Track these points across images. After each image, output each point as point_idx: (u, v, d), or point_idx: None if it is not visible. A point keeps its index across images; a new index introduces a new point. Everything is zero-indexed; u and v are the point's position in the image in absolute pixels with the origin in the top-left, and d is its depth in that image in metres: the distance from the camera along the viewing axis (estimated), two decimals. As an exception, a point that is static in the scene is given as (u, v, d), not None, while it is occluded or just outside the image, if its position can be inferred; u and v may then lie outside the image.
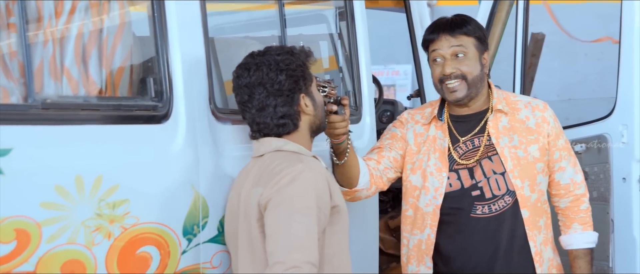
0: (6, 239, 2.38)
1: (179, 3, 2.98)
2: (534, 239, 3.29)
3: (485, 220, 3.27)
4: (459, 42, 3.26)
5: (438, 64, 3.29)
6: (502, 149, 3.28)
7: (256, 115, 2.85)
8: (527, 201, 3.28)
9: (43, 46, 2.73)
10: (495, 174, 3.28)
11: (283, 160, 2.79)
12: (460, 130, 3.36)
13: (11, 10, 2.63)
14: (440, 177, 3.31)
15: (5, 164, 2.39)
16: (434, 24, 3.37)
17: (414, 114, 3.48)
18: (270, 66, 2.83)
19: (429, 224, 3.32)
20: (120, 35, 2.92)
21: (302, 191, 2.69)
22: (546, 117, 3.34)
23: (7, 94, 2.62)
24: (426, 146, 3.37)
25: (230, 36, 4.59)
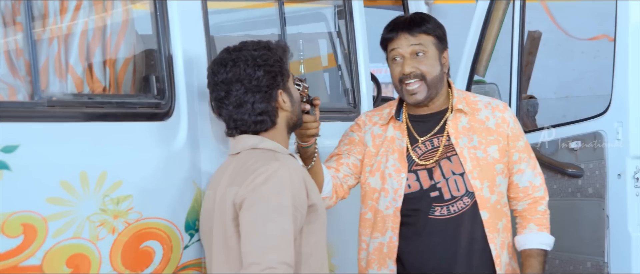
0: (13, 233, 2.41)
1: (181, 1, 3.01)
2: (494, 242, 3.18)
3: (444, 222, 3.17)
4: (419, 41, 3.16)
5: (397, 63, 3.18)
6: (462, 150, 3.18)
7: (233, 112, 2.78)
8: (487, 202, 3.18)
9: (48, 45, 2.77)
10: (455, 174, 3.18)
11: (258, 158, 2.73)
12: (419, 130, 3.25)
13: (17, 10, 2.67)
14: (399, 178, 3.20)
15: (12, 160, 2.42)
16: (393, 23, 3.25)
17: (371, 116, 3.37)
18: (248, 62, 2.76)
19: (390, 227, 3.21)
20: (123, 33, 2.96)
21: (278, 189, 2.63)
22: (506, 117, 3.25)
23: (13, 92, 2.66)
24: (384, 147, 3.26)
25: (231, 34, 4.62)
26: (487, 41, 4.89)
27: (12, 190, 2.41)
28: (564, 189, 4.38)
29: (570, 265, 4.35)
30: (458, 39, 5.37)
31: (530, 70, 5.97)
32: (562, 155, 4.40)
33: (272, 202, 2.61)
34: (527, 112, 5.08)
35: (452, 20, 8.70)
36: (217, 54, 3.15)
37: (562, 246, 4.27)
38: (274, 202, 2.61)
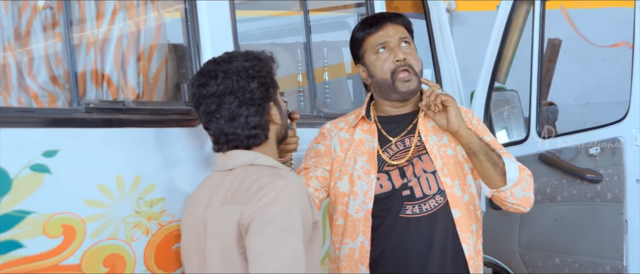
0: (54, 234, 2.48)
1: (211, 11, 3.10)
2: (466, 242, 3.06)
3: (416, 220, 3.04)
4: (403, 31, 3.06)
5: (384, 55, 3.04)
6: (432, 147, 3.07)
7: (225, 126, 2.63)
8: (459, 200, 3.05)
9: (85, 54, 2.85)
10: (426, 173, 3.07)
11: (261, 175, 2.57)
12: (391, 131, 3.13)
13: (57, 21, 2.76)
14: (368, 179, 3.07)
15: (53, 164, 2.48)
16: (373, 17, 3.14)
17: (337, 123, 3.23)
18: (240, 74, 2.61)
19: (361, 231, 3.07)
20: (156, 43, 3.05)
21: (287, 209, 2.50)
22: (469, 117, 3.15)
23: (53, 99, 2.75)
24: (352, 149, 3.13)
25: (258, 42, 4.72)
26: (508, 48, 4.91)
27: (53, 192, 2.48)
28: (584, 194, 4.41)
29: (589, 268, 4.38)
30: (479, 46, 5.46)
31: (550, 77, 6.00)
32: (582, 161, 4.43)
33: (282, 223, 2.47)
34: (547, 119, 5.13)
35: (474, 27, 8.83)
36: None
37: (581, 249, 4.37)
38: (285, 222, 2.48)
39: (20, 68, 2.69)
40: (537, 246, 4.62)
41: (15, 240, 2.39)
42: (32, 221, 2.43)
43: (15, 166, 2.40)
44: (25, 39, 2.71)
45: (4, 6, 2.62)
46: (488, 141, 3.07)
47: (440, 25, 4.88)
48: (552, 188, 4.53)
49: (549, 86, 5.88)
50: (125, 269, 2.68)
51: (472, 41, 7.68)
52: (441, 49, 4.86)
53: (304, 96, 4.24)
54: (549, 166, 4.54)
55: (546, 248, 4.59)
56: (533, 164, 4.59)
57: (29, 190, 2.43)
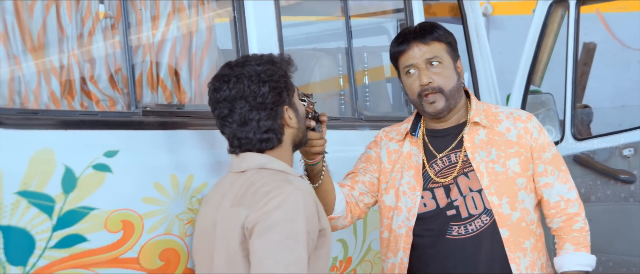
0: (115, 229, 2.59)
1: (258, 16, 3.21)
2: (516, 262, 2.93)
3: (462, 241, 2.95)
4: (432, 50, 2.94)
5: (412, 76, 2.96)
6: (478, 165, 2.95)
7: (237, 130, 2.61)
8: (507, 219, 2.93)
9: (142, 60, 2.96)
10: (472, 191, 2.96)
11: (269, 180, 2.54)
12: (437, 146, 3.04)
13: (116, 29, 2.89)
14: (413, 196, 2.99)
15: (113, 163, 2.59)
16: (402, 34, 3.02)
17: (389, 132, 3.16)
18: (252, 78, 2.58)
19: (402, 248, 3.01)
20: (207, 49, 3.15)
21: (292, 215, 2.45)
22: (529, 128, 3.00)
23: (113, 103, 2.86)
24: (400, 163, 3.05)
25: (302, 47, 4.82)
26: (543, 52, 4.92)
27: (113, 190, 2.59)
28: (617, 194, 4.45)
29: (623, 267, 4.43)
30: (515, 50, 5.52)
31: (585, 80, 6.02)
32: (616, 162, 4.46)
33: (286, 229, 2.43)
34: (581, 121, 5.16)
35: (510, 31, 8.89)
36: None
37: (615, 249, 4.41)
38: (289, 229, 2.43)
39: (82, 73, 2.82)
40: (572, 245, 4.64)
41: (80, 234, 2.52)
42: (95, 217, 2.56)
43: (80, 165, 2.53)
44: (87, 46, 2.84)
45: (68, 15, 2.76)
46: (550, 158, 3.01)
47: (477, 30, 4.92)
48: (587, 189, 4.56)
49: (583, 89, 5.89)
50: (179, 263, 2.77)
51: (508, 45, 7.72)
52: (478, 53, 4.92)
53: (345, 99, 4.30)
54: (583, 167, 4.57)
55: (581, 247, 4.61)
56: (568, 165, 4.60)
57: (92, 188, 2.55)
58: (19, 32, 2.63)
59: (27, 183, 2.40)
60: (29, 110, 2.61)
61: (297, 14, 4.84)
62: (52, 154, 2.47)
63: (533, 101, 4.93)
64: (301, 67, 4.01)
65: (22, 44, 2.64)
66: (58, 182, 2.48)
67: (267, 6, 3.31)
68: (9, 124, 2.40)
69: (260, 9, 3.26)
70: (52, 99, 2.71)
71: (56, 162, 2.48)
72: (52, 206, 2.46)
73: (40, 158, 2.44)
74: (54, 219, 2.46)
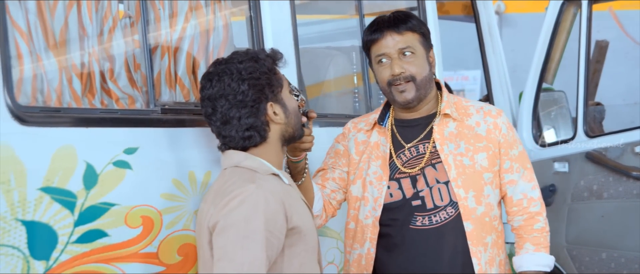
0: (135, 224, 2.65)
1: (274, 15, 3.25)
2: (477, 256, 2.92)
3: (425, 232, 2.93)
4: (405, 40, 2.91)
5: (384, 65, 2.94)
6: (446, 157, 2.94)
7: (221, 128, 2.61)
8: (472, 213, 2.92)
9: (160, 59, 3.00)
10: (439, 183, 2.94)
11: (237, 178, 2.53)
12: (406, 136, 3.02)
13: (135, 29, 2.93)
14: (379, 186, 2.98)
15: (133, 160, 2.65)
16: (376, 22, 2.98)
17: (357, 123, 3.14)
18: (232, 75, 2.57)
19: (368, 238, 2.99)
20: (223, 47, 3.19)
21: (250, 214, 2.42)
22: (498, 123, 3.00)
23: (133, 101, 2.90)
24: (367, 153, 3.03)
25: (314, 45, 4.86)
26: (556, 50, 4.92)
27: (133, 186, 2.65)
28: (629, 191, 4.46)
29: (635, 263, 4.44)
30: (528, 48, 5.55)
31: (598, 78, 6.02)
32: (628, 159, 4.46)
33: (242, 228, 2.41)
34: (593, 118, 5.17)
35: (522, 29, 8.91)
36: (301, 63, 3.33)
37: (627, 245, 4.44)
38: (245, 228, 2.41)
39: (103, 72, 2.87)
40: (584, 241, 4.66)
41: (101, 229, 2.57)
42: (115, 213, 2.61)
43: (101, 162, 2.58)
44: (107, 45, 2.88)
45: (89, 15, 2.81)
46: (516, 155, 3.01)
47: (490, 28, 4.96)
48: (599, 185, 4.58)
49: (596, 87, 5.89)
50: (197, 257, 2.75)
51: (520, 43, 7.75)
52: (490, 51, 4.96)
53: (359, 97, 4.34)
54: (595, 164, 4.58)
55: (593, 243, 4.62)
56: (580, 162, 4.64)
57: (112, 184, 2.61)
58: (42, 32, 2.69)
59: (49, 179, 2.46)
60: (51, 108, 2.66)
61: (312, 13, 4.88)
62: (73, 151, 2.53)
63: (546, 99, 4.95)
64: (316, 65, 4.09)
65: (44, 43, 2.70)
66: (79, 178, 2.53)
67: (282, 5, 3.35)
68: (32, 122, 2.46)
69: (276, 7, 3.30)
70: (74, 97, 2.76)
71: (78, 159, 2.53)
72: (74, 201, 2.51)
73: (62, 155, 2.50)
74: (76, 214, 2.52)
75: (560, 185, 4.73)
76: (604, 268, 4.58)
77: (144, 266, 2.69)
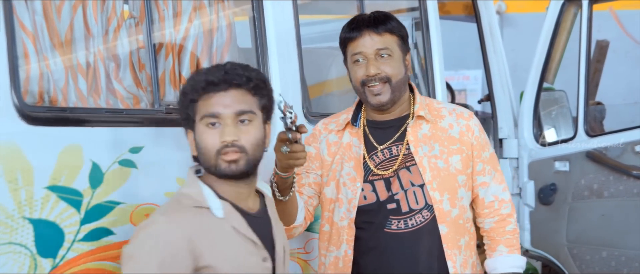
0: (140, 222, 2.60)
1: (276, 15, 3.27)
2: (452, 259, 2.91)
3: (400, 236, 2.90)
4: (384, 41, 2.86)
5: (360, 65, 2.89)
6: (421, 159, 2.91)
7: None
8: (447, 216, 2.91)
9: (165, 59, 3.04)
10: (414, 186, 2.91)
11: (160, 208, 2.42)
12: (378, 137, 2.98)
13: (140, 30, 2.96)
14: (353, 187, 2.93)
15: (138, 159, 2.68)
16: (355, 21, 2.93)
17: (328, 123, 3.08)
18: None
19: (345, 240, 2.95)
20: (227, 48, 3.22)
21: (149, 248, 2.23)
22: (471, 126, 2.98)
23: (137, 101, 2.93)
24: (340, 154, 2.98)
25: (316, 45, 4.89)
26: (556, 50, 4.93)
27: (138, 185, 2.68)
28: (630, 189, 4.48)
29: (635, 262, 4.47)
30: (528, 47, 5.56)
31: (598, 77, 6.05)
32: (628, 158, 4.49)
33: (135, 260, 2.23)
34: (594, 118, 5.19)
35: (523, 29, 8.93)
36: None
37: (628, 243, 4.47)
38: (137, 261, 2.22)
39: (108, 72, 2.90)
40: (585, 240, 4.68)
41: (106, 227, 2.61)
42: (120, 211, 2.64)
43: (107, 161, 2.61)
44: (112, 46, 2.91)
45: (94, 15, 2.84)
46: (488, 157, 3.00)
47: (491, 28, 4.98)
48: (599, 184, 4.60)
49: (596, 86, 5.92)
50: None
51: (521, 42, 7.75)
52: (491, 51, 4.98)
53: (361, 96, 4.37)
54: (596, 163, 4.60)
55: (594, 242, 4.64)
56: (581, 161, 4.67)
57: (118, 183, 2.64)
58: (48, 32, 2.72)
59: (56, 178, 2.48)
60: (57, 107, 2.69)
61: (315, 13, 4.91)
62: (79, 150, 2.56)
63: (546, 98, 4.96)
64: (319, 66, 4.12)
65: (50, 43, 2.73)
66: (85, 177, 2.56)
67: (284, 5, 3.37)
68: (39, 121, 2.49)
69: (278, 7, 3.33)
70: (79, 97, 2.79)
71: (84, 158, 2.56)
72: (80, 200, 2.55)
73: (68, 154, 2.53)
74: (82, 213, 2.55)
75: (560, 184, 4.75)
76: (604, 266, 4.60)
77: (149, 264, 2.70)
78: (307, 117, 3.38)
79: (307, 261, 3.31)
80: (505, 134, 4.99)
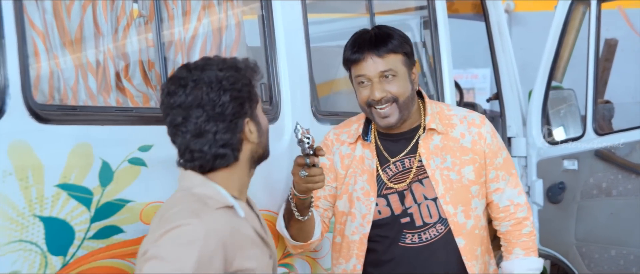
0: (149, 220, 2.62)
1: (285, 14, 3.28)
2: (472, 270, 2.91)
3: (416, 250, 2.90)
4: (386, 63, 2.81)
5: (365, 86, 2.84)
6: (433, 172, 2.88)
7: (191, 141, 2.30)
8: (462, 228, 2.89)
9: (174, 57, 3.04)
10: (427, 199, 2.89)
11: (183, 208, 2.25)
12: (390, 150, 2.94)
13: (149, 28, 2.97)
14: (367, 202, 2.91)
15: (148, 157, 2.69)
16: (357, 42, 2.86)
17: (339, 134, 3.04)
18: (211, 84, 2.26)
19: (355, 254, 2.94)
20: (236, 46, 3.22)
21: (183, 251, 2.15)
22: (483, 133, 2.93)
23: (147, 99, 2.94)
24: (353, 167, 2.95)
25: (325, 44, 4.89)
26: (565, 48, 4.95)
27: (148, 183, 2.68)
28: (638, 188, 4.49)
29: None
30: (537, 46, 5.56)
31: (607, 76, 6.04)
32: (637, 156, 4.50)
33: (170, 264, 2.14)
34: (603, 116, 5.20)
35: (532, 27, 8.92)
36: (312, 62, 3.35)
37: (636, 242, 4.47)
38: (173, 265, 2.14)
39: (118, 71, 2.91)
40: (594, 238, 4.69)
41: (116, 225, 2.61)
42: (130, 209, 2.65)
43: (116, 159, 2.62)
44: (122, 44, 2.92)
45: (104, 15, 2.85)
46: (501, 163, 2.97)
47: (499, 26, 4.99)
48: (608, 183, 4.61)
49: (605, 85, 5.92)
50: None
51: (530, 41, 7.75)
52: (500, 49, 4.99)
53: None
54: (604, 162, 4.62)
55: (602, 240, 4.66)
56: (590, 159, 4.68)
57: (128, 181, 2.64)
58: (58, 31, 2.73)
59: (66, 176, 2.49)
60: (68, 106, 2.71)
61: (323, 11, 4.91)
62: (90, 148, 2.56)
63: (555, 97, 4.97)
64: (327, 64, 4.12)
65: (60, 42, 2.74)
66: (95, 175, 2.57)
67: (293, 4, 3.38)
68: (49, 120, 2.49)
69: (287, 6, 3.33)
70: (89, 95, 2.80)
71: (94, 156, 2.57)
72: (90, 198, 2.55)
73: (78, 152, 2.53)
74: (92, 211, 2.55)
75: (569, 182, 4.75)
76: (613, 265, 4.61)
77: (158, 261, 2.71)
78: (315, 116, 3.38)
79: (315, 260, 3.31)
80: (513, 133, 5.00)
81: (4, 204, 2.35)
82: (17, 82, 2.42)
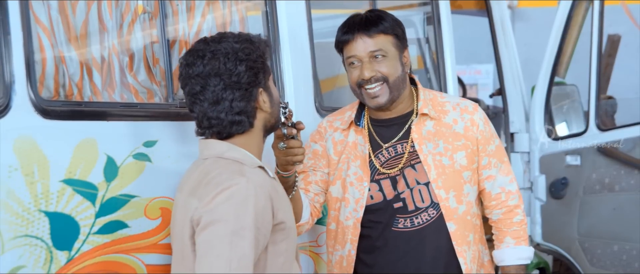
0: (154, 216, 2.70)
1: (289, 11, 3.29)
2: (463, 256, 2.92)
3: (407, 234, 2.91)
4: (377, 44, 2.85)
5: (355, 67, 2.88)
6: (426, 157, 2.90)
7: (209, 109, 2.46)
8: (454, 213, 2.91)
9: (178, 53, 3.05)
10: (419, 184, 2.91)
11: (223, 170, 2.40)
12: (383, 135, 2.96)
13: (154, 25, 2.98)
14: (361, 187, 2.93)
15: (152, 153, 2.71)
16: (348, 23, 2.92)
17: (332, 121, 3.06)
18: (228, 55, 2.44)
19: (349, 240, 2.96)
20: None
21: (240, 209, 2.31)
22: (475, 120, 2.95)
23: (151, 95, 2.96)
24: (346, 153, 2.97)
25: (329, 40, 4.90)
26: (568, 44, 4.93)
27: (153, 178, 2.70)
28: None
29: None
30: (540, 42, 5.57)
31: (610, 72, 6.04)
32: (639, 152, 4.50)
33: (231, 224, 2.30)
34: (605, 112, 5.20)
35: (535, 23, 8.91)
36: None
37: (638, 237, 4.48)
38: (234, 224, 2.30)
39: (122, 67, 2.92)
40: (596, 234, 4.70)
41: (121, 220, 2.63)
42: (135, 204, 2.67)
43: (121, 155, 2.64)
44: (127, 41, 2.94)
45: (109, 11, 2.86)
46: (494, 150, 2.98)
47: (502, 22, 4.98)
48: (611, 178, 4.61)
49: (608, 81, 5.91)
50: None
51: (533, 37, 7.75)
52: (503, 45, 4.99)
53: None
54: (607, 157, 4.62)
55: (605, 235, 4.66)
56: (592, 155, 4.68)
57: (132, 176, 2.66)
58: (64, 27, 2.75)
59: (72, 172, 2.51)
60: (73, 102, 2.72)
61: (327, 7, 4.91)
62: (95, 144, 2.58)
63: (558, 92, 4.97)
64: (330, 60, 4.12)
65: (66, 38, 2.75)
66: (100, 171, 2.59)
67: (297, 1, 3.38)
68: (55, 116, 2.51)
69: (291, 2, 3.34)
70: (94, 91, 2.82)
71: (99, 151, 2.59)
72: (95, 193, 2.57)
73: (84, 148, 2.55)
74: (97, 206, 2.58)
75: (572, 178, 4.76)
76: (616, 260, 4.61)
77: (163, 256, 2.73)
78: (319, 112, 3.39)
79: (319, 255, 3.33)
80: (516, 128, 5.00)
81: (9, 199, 2.38)
82: (23, 79, 2.44)
